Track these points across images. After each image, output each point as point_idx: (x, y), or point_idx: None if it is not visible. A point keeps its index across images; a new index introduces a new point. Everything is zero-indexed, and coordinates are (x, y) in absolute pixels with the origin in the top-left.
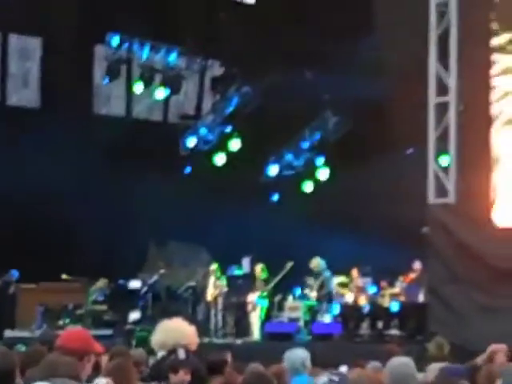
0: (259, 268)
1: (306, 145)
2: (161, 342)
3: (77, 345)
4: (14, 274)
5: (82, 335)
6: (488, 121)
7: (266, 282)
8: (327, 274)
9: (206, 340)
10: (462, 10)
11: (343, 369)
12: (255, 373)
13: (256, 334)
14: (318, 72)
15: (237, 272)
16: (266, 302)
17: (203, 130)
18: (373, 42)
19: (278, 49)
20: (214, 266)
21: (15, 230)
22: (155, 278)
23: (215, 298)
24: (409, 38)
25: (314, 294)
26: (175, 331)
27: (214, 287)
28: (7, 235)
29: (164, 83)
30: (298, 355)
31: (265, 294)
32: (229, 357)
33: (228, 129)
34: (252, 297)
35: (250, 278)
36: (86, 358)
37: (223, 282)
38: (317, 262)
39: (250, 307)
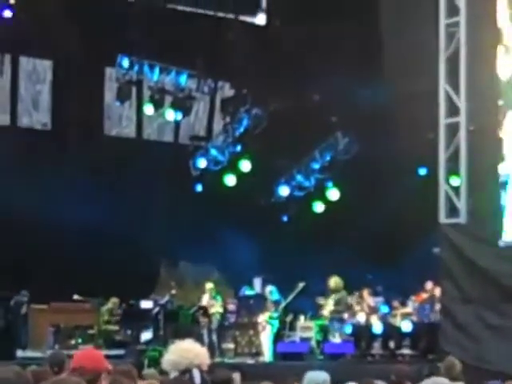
0: (268, 290)
1: (316, 166)
2: (172, 363)
3: (92, 364)
4: (26, 294)
5: (95, 354)
6: (498, 140)
7: (276, 303)
8: (344, 293)
9: (218, 360)
10: (472, 30)
11: None
12: None
13: (266, 354)
14: (328, 93)
15: (248, 292)
16: (276, 323)
17: (214, 151)
18: (382, 64)
19: (288, 70)
20: (209, 286)
21: (27, 251)
22: (167, 298)
23: (209, 317)
24: (418, 58)
25: (326, 314)
26: (187, 352)
27: (208, 306)
28: (19, 256)
29: (174, 105)
30: (316, 378)
31: (275, 314)
32: (237, 376)
33: (238, 150)
34: (263, 317)
35: (261, 298)
36: (102, 376)
37: (218, 301)
38: (336, 281)
39: (260, 327)
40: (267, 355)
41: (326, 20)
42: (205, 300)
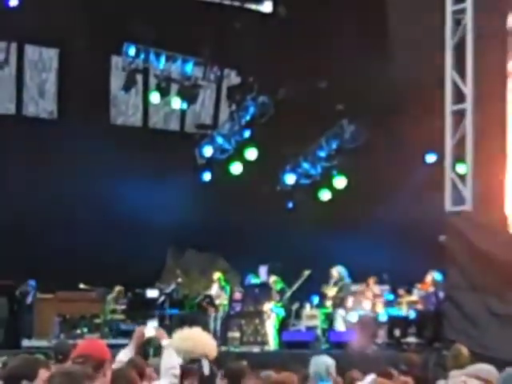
0: (273, 279)
1: (322, 153)
2: (184, 351)
3: (96, 352)
4: (32, 283)
5: (98, 343)
6: (505, 128)
7: (281, 292)
8: (347, 280)
9: (224, 348)
10: (479, 16)
11: (371, 377)
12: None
13: (271, 342)
14: (334, 81)
15: (254, 281)
16: (281, 311)
17: (220, 140)
18: (388, 51)
19: (294, 58)
20: (216, 275)
21: (32, 240)
22: (172, 286)
23: (216, 307)
24: (424, 45)
25: (331, 302)
26: (197, 341)
27: (215, 296)
28: (24, 245)
29: (180, 93)
30: (324, 362)
31: (280, 303)
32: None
33: (245, 138)
34: (268, 306)
35: (267, 286)
36: (106, 365)
37: (227, 291)
38: (339, 270)
39: (265, 316)
40: (272, 344)
41: (333, 7)
42: (214, 290)
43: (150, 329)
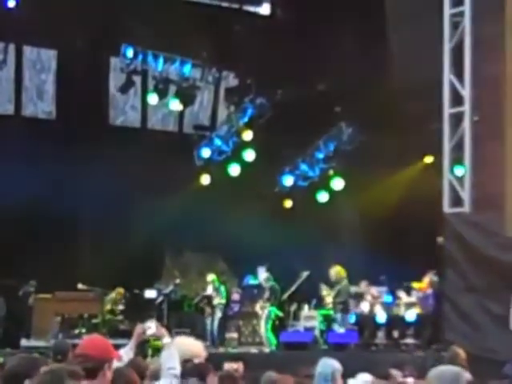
0: (264, 277)
1: (320, 155)
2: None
3: (96, 352)
4: (33, 284)
5: (100, 342)
6: (503, 130)
7: (271, 290)
8: (345, 282)
9: (221, 350)
10: (477, 19)
11: (365, 377)
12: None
13: (265, 343)
14: (332, 83)
15: (252, 282)
16: (274, 309)
17: (218, 141)
18: (386, 54)
19: (292, 60)
20: (210, 277)
21: (31, 241)
22: (171, 287)
23: (213, 308)
24: (423, 48)
25: (329, 303)
26: (178, 346)
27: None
28: (23, 245)
29: (178, 94)
30: (331, 365)
31: (271, 302)
32: (240, 366)
33: (243, 139)
34: (259, 305)
35: (265, 287)
36: (106, 365)
37: (222, 293)
38: (337, 271)
39: (263, 316)
40: (266, 344)
41: (331, 10)
42: (209, 291)
43: (151, 326)
